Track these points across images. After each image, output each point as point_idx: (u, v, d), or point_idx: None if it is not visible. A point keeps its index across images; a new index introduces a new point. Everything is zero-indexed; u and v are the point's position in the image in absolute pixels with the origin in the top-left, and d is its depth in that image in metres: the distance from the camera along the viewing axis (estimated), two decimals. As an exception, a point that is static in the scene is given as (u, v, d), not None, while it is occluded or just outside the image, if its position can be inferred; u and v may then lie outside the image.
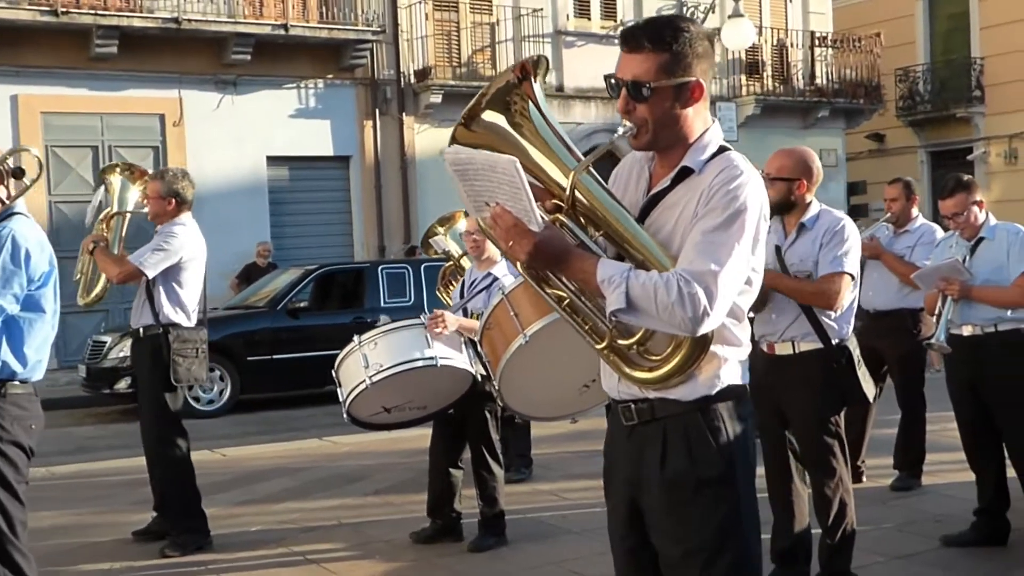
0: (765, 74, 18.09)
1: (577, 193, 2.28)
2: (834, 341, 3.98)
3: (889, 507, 5.75)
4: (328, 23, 14.10)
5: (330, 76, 14.61)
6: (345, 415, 4.92)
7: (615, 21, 17.08)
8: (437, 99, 14.80)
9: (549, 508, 5.82)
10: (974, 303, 4.70)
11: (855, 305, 4.06)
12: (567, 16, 16.57)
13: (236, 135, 13.87)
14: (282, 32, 13.62)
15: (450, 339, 4.92)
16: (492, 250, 5.02)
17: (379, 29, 14.44)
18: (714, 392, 2.28)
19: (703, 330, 2.16)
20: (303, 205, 14.63)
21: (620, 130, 2.32)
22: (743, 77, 17.86)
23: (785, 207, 4.06)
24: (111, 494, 6.59)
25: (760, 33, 17.87)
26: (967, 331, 4.75)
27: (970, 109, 20.90)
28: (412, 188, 15.06)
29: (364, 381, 4.77)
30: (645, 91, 2.24)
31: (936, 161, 21.57)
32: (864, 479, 6.25)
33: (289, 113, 14.39)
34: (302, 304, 11.15)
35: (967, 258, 4.75)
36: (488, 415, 5.13)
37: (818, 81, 18.56)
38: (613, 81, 2.31)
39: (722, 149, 2.33)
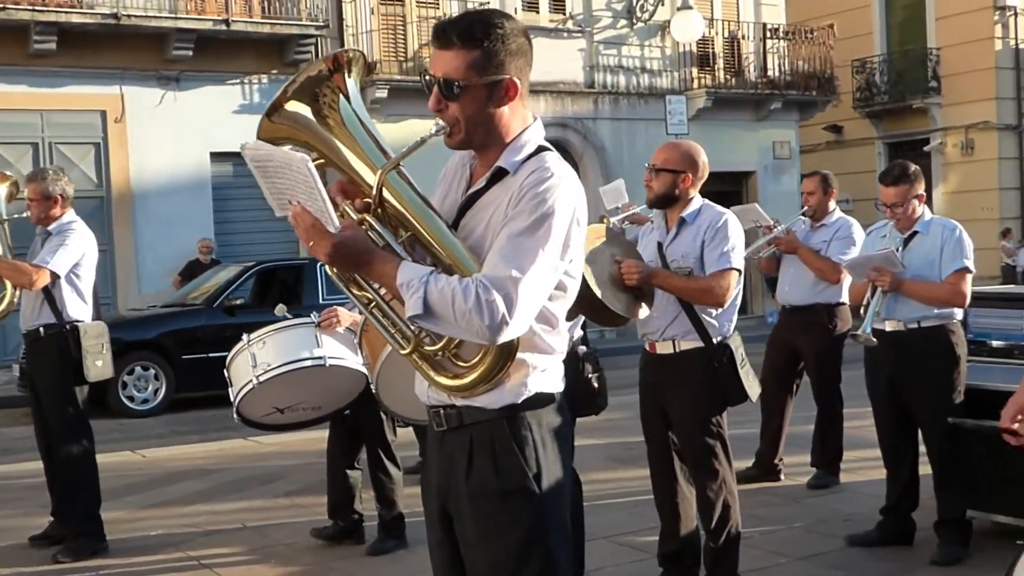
0: (717, 67, 18.05)
1: (385, 192, 2.21)
2: (715, 339, 3.91)
3: (803, 506, 5.72)
4: (271, 18, 13.91)
5: (274, 71, 14.40)
6: (235, 415, 4.84)
7: (564, 15, 17.01)
8: (383, 94, 14.67)
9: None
10: (901, 299, 4.60)
11: (738, 302, 3.99)
12: (515, 10, 16.41)
13: (179, 131, 13.67)
14: (224, 28, 13.43)
15: (344, 339, 4.83)
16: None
17: (323, 24, 14.26)
18: (520, 400, 2.22)
19: (503, 339, 2.10)
20: (248, 201, 14.40)
21: (432, 128, 2.25)
22: (694, 70, 17.81)
23: (669, 200, 4.00)
24: (20, 497, 6.47)
25: (711, 25, 17.85)
26: (889, 327, 4.65)
27: (927, 100, 21.02)
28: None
29: (251, 381, 4.69)
30: (455, 89, 2.18)
31: (894, 152, 21.66)
32: (782, 477, 6.22)
33: (233, 109, 14.20)
34: (239, 301, 11.01)
35: (900, 250, 4.65)
36: (384, 416, 5.04)
37: (770, 73, 18.54)
38: (427, 78, 2.24)
39: (540, 149, 2.26)
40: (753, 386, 3.97)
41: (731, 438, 6.89)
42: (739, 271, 3.87)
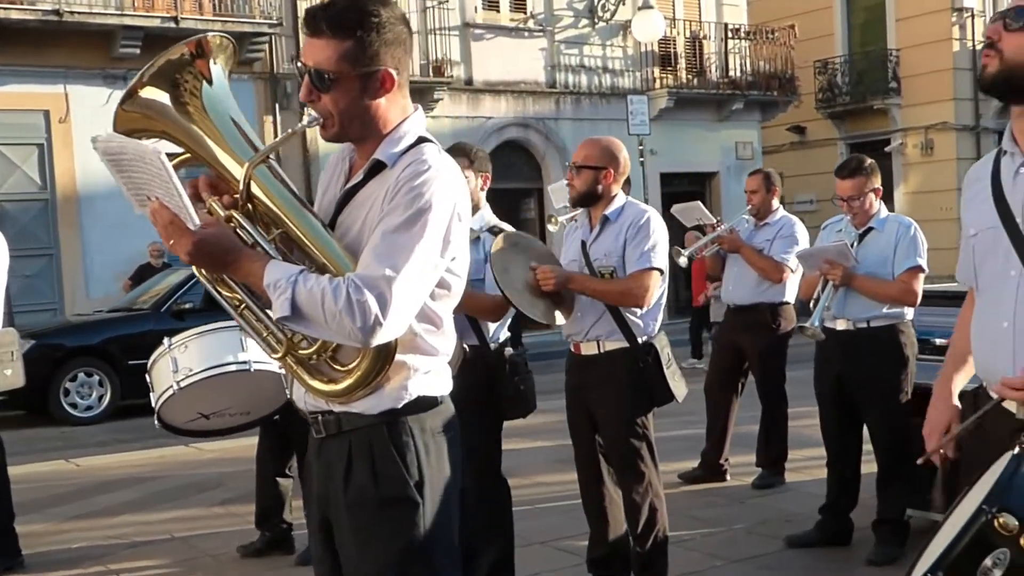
0: (679, 67, 18.00)
1: (253, 187, 2.08)
2: (640, 339, 3.80)
3: (746, 506, 5.64)
4: (222, 15, 13.61)
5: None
6: (156, 422, 4.65)
7: (525, 13, 16.87)
8: (338, 93, 14.45)
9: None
10: (851, 298, 4.54)
11: (663, 301, 3.88)
12: (475, 8, 16.31)
13: (128, 132, 13.33)
14: (172, 25, 13.07)
15: (272, 341, 4.66)
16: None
17: (276, 22, 14.01)
18: (400, 405, 2.11)
19: (377, 341, 1.97)
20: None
21: (305, 119, 2.15)
22: (656, 70, 17.74)
23: (591, 198, 3.89)
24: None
25: (673, 25, 17.80)
26: (840, 326, 4.61)
27: (887, 101, 21.09)
28: (316, 184, 14.68)
29: (172, 386, 4.51)
30: (326, 81, 2.06)
31: (856, 153, 21.68)
32: (728, 477, 6.14)
33: (184, 109, 13.90)
34: (188, 305, 10.73)
35: (854, 246, 4.58)
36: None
37: (732, 73, 18.52)
38: (299, 66, 2.11)
39: (421, 140, 2.14)
40: (679, 386, 3.87)
41: (677, 438, 6.85)
42: (660, 271, 3.76)
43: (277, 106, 14.46)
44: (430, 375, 2.14)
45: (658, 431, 7.46)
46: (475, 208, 4.08)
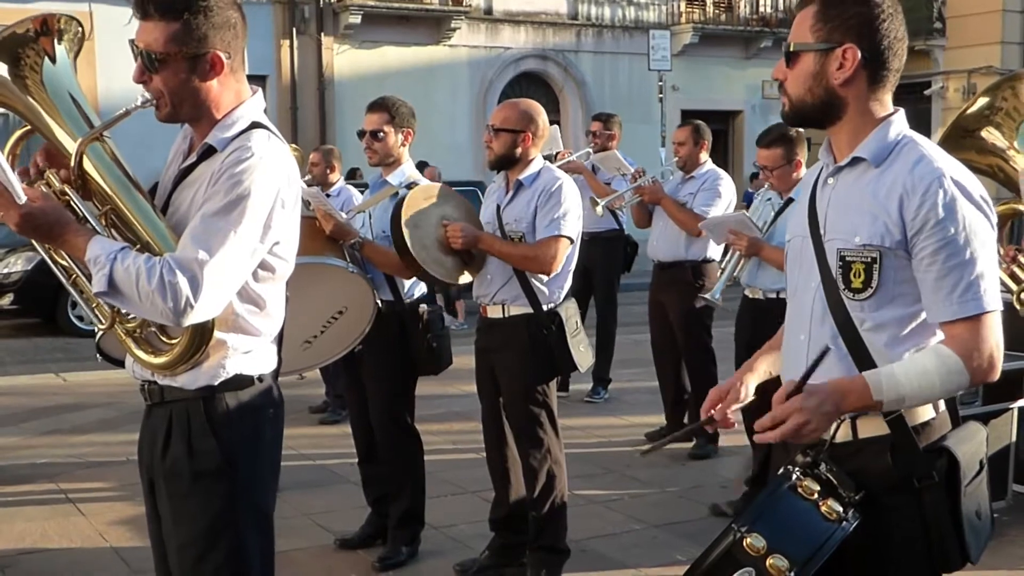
0: (706, 1, 17.59)
1: (86, 164, 2.20)
2: (545, 306, 3.84)
3: (688, 469, 5.59)
4: (242, -66, 13.54)
5: (257, -8, 14.10)
6: (97, 355, 4.82)
7: (549, -59, 16.54)
8: (357, 20, 14.39)
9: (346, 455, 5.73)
10: (763, 267, 4.57)
11: (571, 268, 3.92)
12: (498, -65, 16.05)
13: (146, 50, 13.39)
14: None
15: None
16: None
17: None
18: (217, 382, 2.24)
19: (189, 321, 2.10)
20: (219, 123, 14.27)
21: (139, 99, 2.24)
22: (682, 4, 17.36)
23: (508, 161, 3.91)
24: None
25: (703, -42, 17.39)
26: (750, 294, 4.75)
27: (930, 42, 20.43)
28: (330, 110, 14.73)
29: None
30: (155, 61, 2.16)
31: (894, 96, 21.11)
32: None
33: (204, 28, 13.90)
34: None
35: (774, 216, 4.57)
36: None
37: (762, 10, 18.07)
38: (133, 47, 2.22)
39: (254, 126, 2.23)
40: (584, 356, 3.91)
41: (644, 390, 6.78)
42: (569, 239, 3.78)
43: (294, 30, 14.44)
44: (250, 355, 2.26)
45: (626, 382, 7.54)
46: (396, 163, 4.15)
